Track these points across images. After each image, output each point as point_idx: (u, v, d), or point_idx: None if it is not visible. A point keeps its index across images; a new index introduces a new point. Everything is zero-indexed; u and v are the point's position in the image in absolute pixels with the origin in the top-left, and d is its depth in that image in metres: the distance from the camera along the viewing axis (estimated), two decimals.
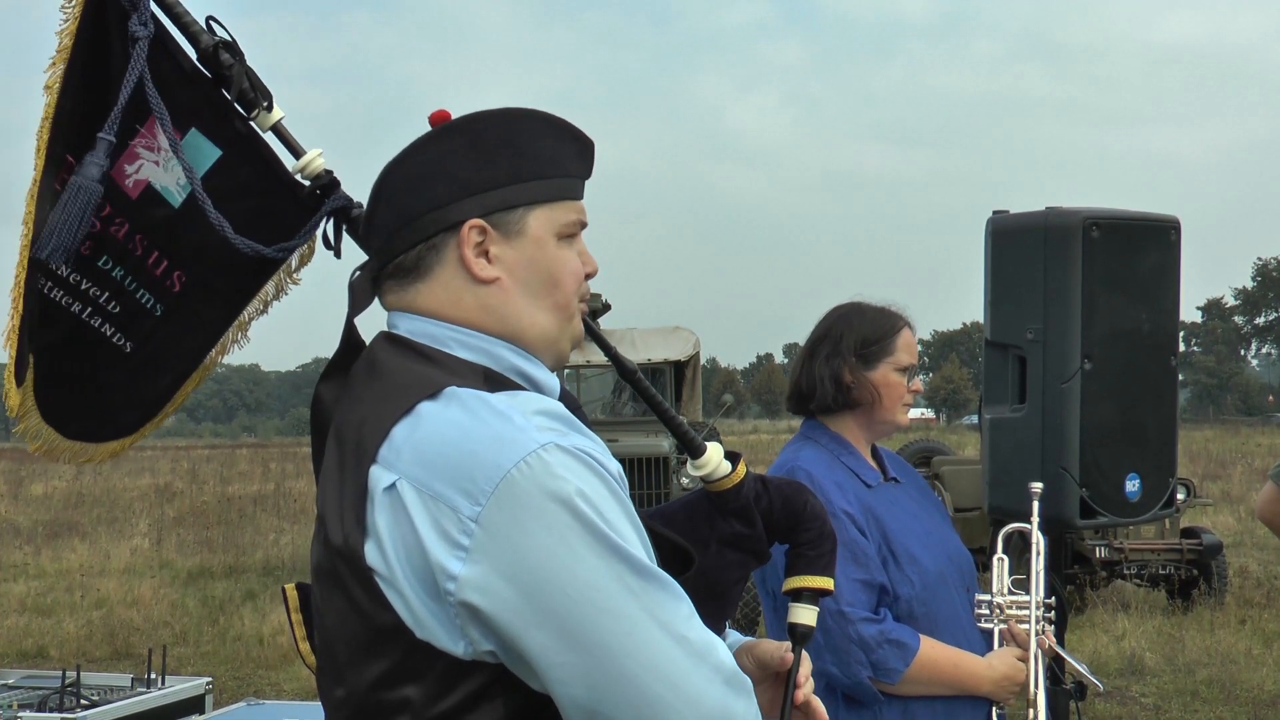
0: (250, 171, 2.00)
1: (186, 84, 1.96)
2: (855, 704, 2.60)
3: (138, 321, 2.09)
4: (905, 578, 2.63)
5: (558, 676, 1.32)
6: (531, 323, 1.52)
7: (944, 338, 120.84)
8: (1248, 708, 7.81)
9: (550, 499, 1.31)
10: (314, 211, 1.95)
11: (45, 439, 2.08)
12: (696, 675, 1.33)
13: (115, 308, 2.07)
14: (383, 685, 1.38)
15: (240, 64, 1.95)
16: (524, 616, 1.31)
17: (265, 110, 1.96)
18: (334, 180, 1.93)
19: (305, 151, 1.93)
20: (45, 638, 10.53)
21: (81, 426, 2.12)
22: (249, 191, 2.00)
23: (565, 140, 1.56)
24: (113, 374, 2.10)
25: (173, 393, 2.17)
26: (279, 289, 2.13)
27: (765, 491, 1.76)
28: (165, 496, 23.69)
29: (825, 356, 2.78)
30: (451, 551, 1.32)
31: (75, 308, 2.05)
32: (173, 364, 2.14)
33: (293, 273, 2.12)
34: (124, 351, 2.09)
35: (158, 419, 2.19)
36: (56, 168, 1.97)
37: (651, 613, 1.33)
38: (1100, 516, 3.21)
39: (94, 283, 2.05)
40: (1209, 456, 30.73)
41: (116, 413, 2.14)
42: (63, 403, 2.08)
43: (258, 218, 1.98)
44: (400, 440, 1.38)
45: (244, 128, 1.99)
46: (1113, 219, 3.20)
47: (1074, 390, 3.14)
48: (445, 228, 1.50)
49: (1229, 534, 15.70)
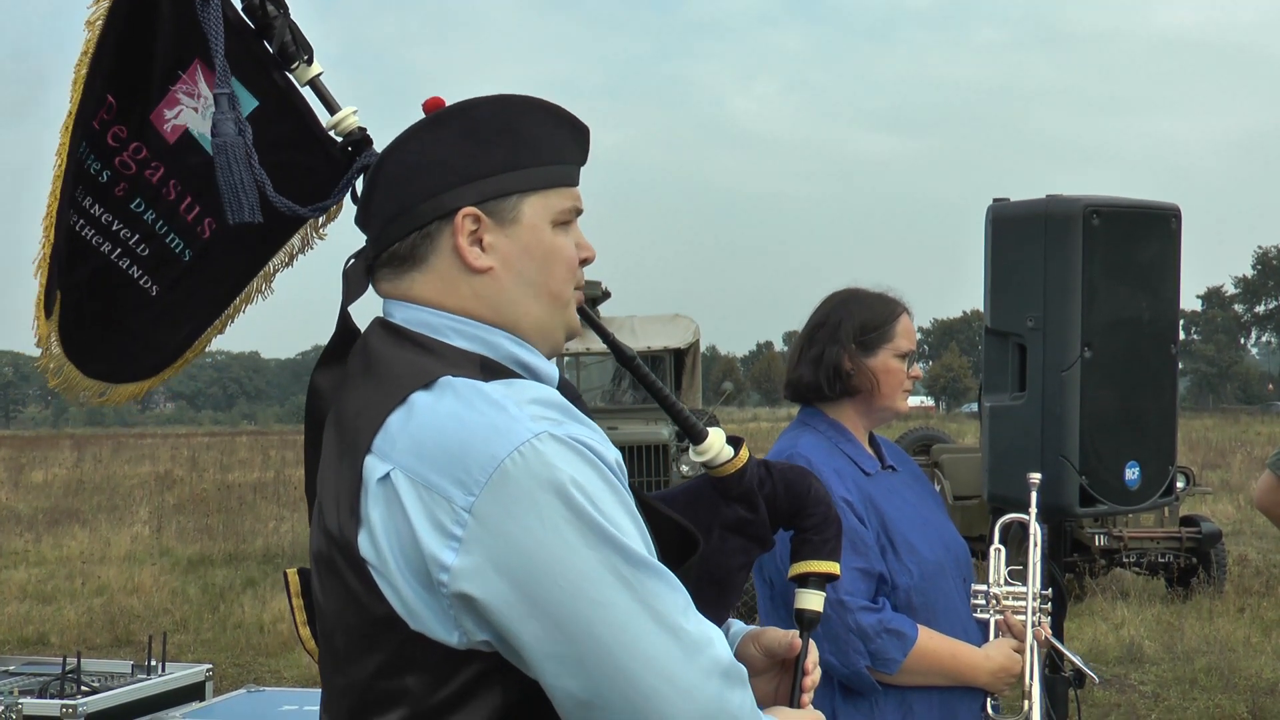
0: (285, 125, 2.00)
1: (231, 33, 1.95)
2: (853, 694, 2.60)
3: (166, 266, 2.09)
4: (904, 567, 2.63)
5: (551, 668, 1.32)
6: (525, 312, 1.51)
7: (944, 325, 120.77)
8: (1246, 696, 7.82)
9: (543, 489, 1.31)
10: (346, 168, 1.95)
11: (65, 375, 2.08)
12: (691, 667, 1.32)
13: (145, 250, 2.08)
14: (381, 675, 1.37)
15: (284, 16, 1.95)
16: (517, 608, 1.30)
17: (305, 64, 1.95)
18: (366, 138, 1.93)
19: (341, 108, 1.93)
20: (46, 625, 10.55)
21: (102, 366, 2.12)
22: (282, 145, 1.99)
23: (560, 126, 1.55)
24: (137, 317, 2.11)
25: (193, 339, 2.18)
26: (305, 242, 2.13)
27: (769, 476, 1.74)
28: (165, 484, 23.71)
29: (824, 344, 2.77)
30: (445, 542, 1.31)
31: (105, 247, 2.06)
32: (197, 311, 2.15)
33: (319, 228, 2.12)
34: (150, 295, 2.10)
35: (177, 364, 2.19)
36: (97, 105, 1.97)
37: (646, 604, 1.32)
38: (1100, 505, 3.21)
39: (126, 224, 2.06)
40: (1208, 445, 30.75)
41: (138, 355, 2.14)
42: (85, 341, 2.09)
43: (290, 171, 1.97)
44: (395, 430, 1.38)
45: (282, 80, 1.99)
46: (1113, 207, 3.19)
47: (1074, 378, 3.14)
48: (440, 216, 1.49)
49: (1228, 522, 15.71)
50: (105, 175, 2.03)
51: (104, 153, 2.02)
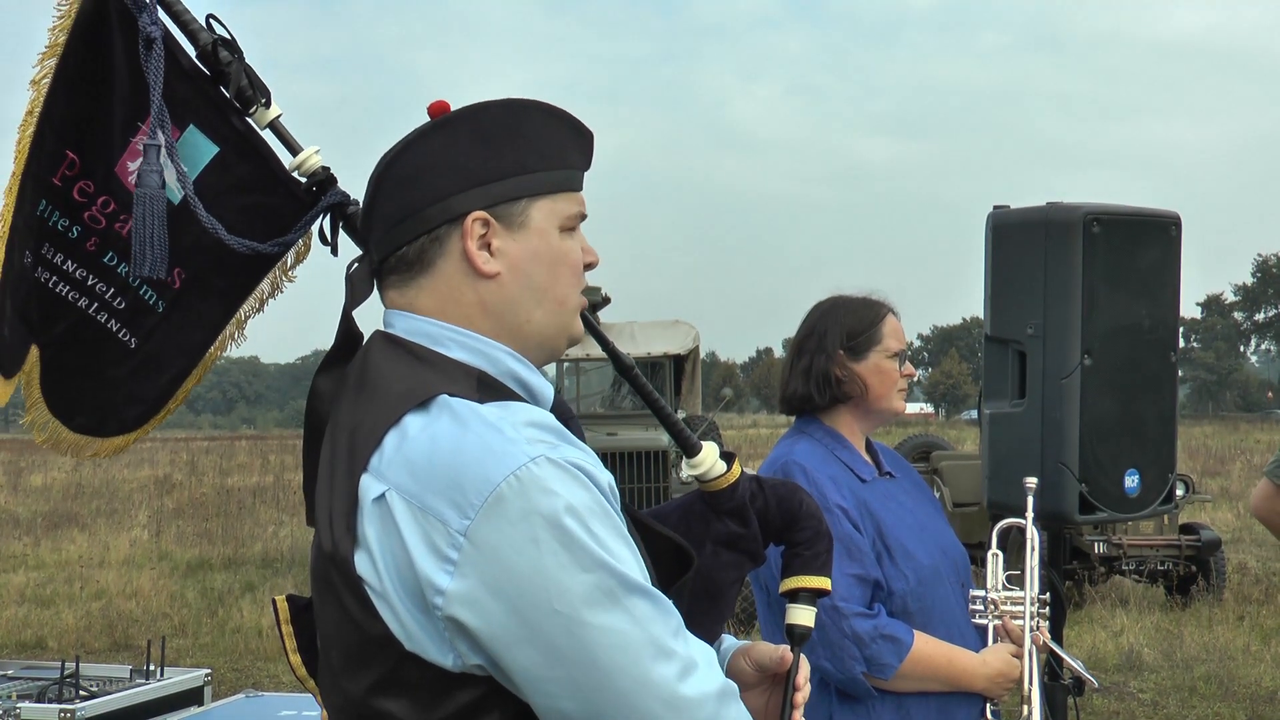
0: (247, 168, 2.00)
1: (185, 80, 1.96)
2: (849, 699, 2.60)
3: (141, 317, 2.09)
4: (900, 573, 2.63)
5: (546, 691, 1.31)
6: (529, 318, 1.51)
7: (944, 332, 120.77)
8: (1245, 704, 7.82)
9: (538, 514, 1.30)
10: (310, 207, 1.95)
11: (51, 431, 2.10)
12: (686, 689, 1.32)
13: (120, 303, 2.08)
14: (376, 694, 1.37)
15: (239, 61, 1.95)
16: (511, 632, 1.30)
17: (263, 107, 1.95)
18: (331, 177, 1.93)
19: (302, 148, 1.93)
20: (44, 629, 10.54)
21: (87, 420, 2.13)
22: (246, 188, 2.00)
23: (567, 131, 1.55)
24: (117, 369, 2.11)
25: (175, 389, 2.17)
26: (275, 286, 2.13)
27: (760, 491, 1.75)
28: (164, 488, 23.69)
29: (812, 354, 2.77)
30: (440, 565, 1.30)
31: (82, 302, 2.06)
32: (174, 360, 2.15)
33: (288, 270, 2.12)
34: (129, 347, 2.10)
35: (161, 415, 2.19)
36: (55, 162, 1.98)
37: (640, 627, 1.32)
38: (1099, 512, 3.21)
39: (100, 278, 2.06)
40: (1208, 452, 30.74)
41: (121, 408, 2.15)
42: (68, 396, 2.10)
43: (254, 214, 1.98)
44: (391, 450, 1.37)
45: (241, 125, 1.99)
46: (1113, 215, 3.20)
47: (1074, 385, 3.15)
48: (448, 219, 1.48)
49: (1228, 530, 15.71)
50: (75, 230, 2.04)
51: (70, 208, 2.03)
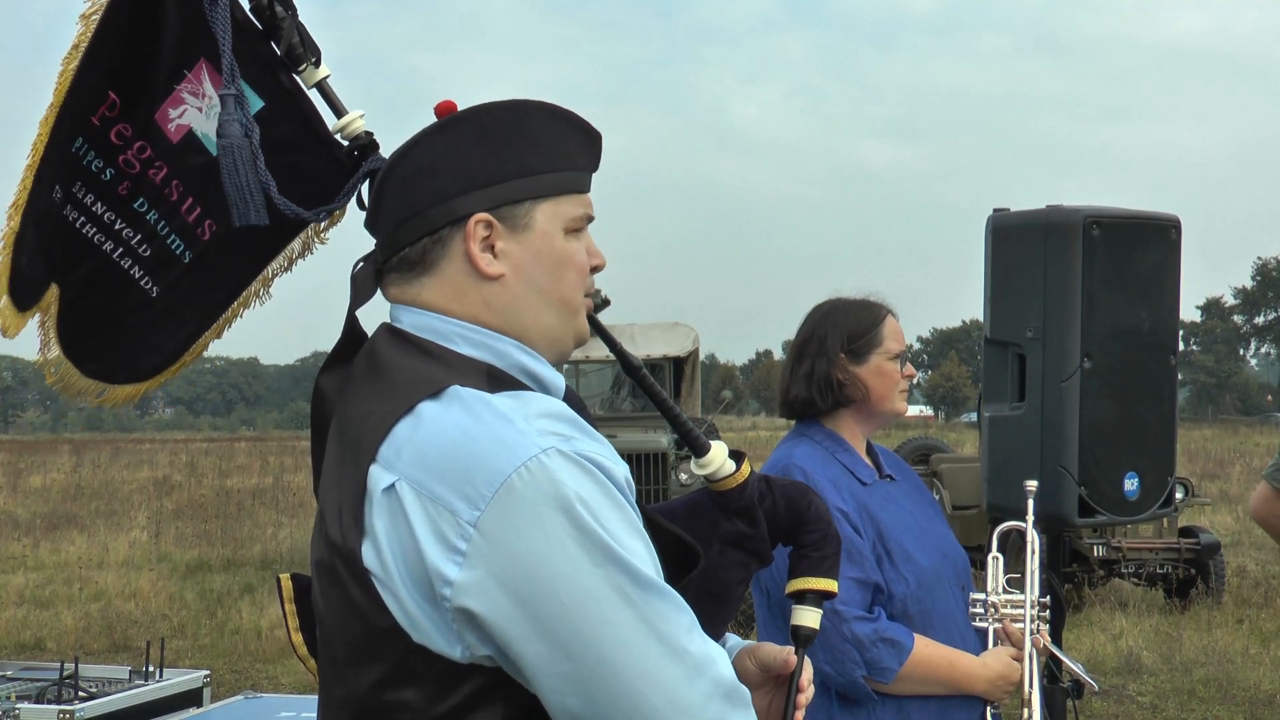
0: (290, 127, 1.98)
1: (238, 33, 1.94)
2: (849, 703, 2.59)
3: (166, 267, 2.08)
4: (900, 576, 2.63)
5: (552, 685, 1.31)
6: (535, 320, 1.50)
7: (943, 335, 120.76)
8: (1244, 707, 7.82)
9: (549, 505, 1.29)
10: (351, 172, 1.93)
11: (62, 374, 2.08)
12: (694, 689, 1.32)
13: (146, 250, 2.06)
14: (381, 686, 1.36)
15: (292, 18, 1.93)
16: (519, 624, 1.29)
17: (313, 66, 1.94)
18: (373, 142, 1.91)
19: (348, 111, 1.92)
20: (43, 630, 10.54)
21: (100, 366, 2.11)
22: (287, 146, 1.97)
23: (573, 133, 1.55)
24: (137, 317, 2.10)
25: (192, 342, 2.16)
26: (306, 246, 2.12)
27: (769, 492, 1.73)
28: (164, 489, 23.67)
29: (813, 358, 2.77)
30: (449, 556, 1.30)
31: (107, 246, 2.05)
32: (194, 313, 2.14)
33: (321, 232, 2.11)
34: (150, 295, 2.08)
35: (175, 367, 2.17)
36: (96, 101, 1.97)
37: (650, 624, 1.31)
38: (1099, 515, 3.21)
39: (128, 223, 2.05)
40: (1207, 456, 30.74)
41: (136, 356, 2.13)
42: (85, 340, 2.08)
43: (294, 173, 1.96)
44: (401, 440, 1.36)
45: (289, 82, 1.98)
46: (1113, 217, 3.20)
47: (1073, 388, 3.15)
48: (451, 221, 1.48)
49: (1227, 533, 15.71)
50: (109, 173, 2.02)
51: (107, 150, 2.01)
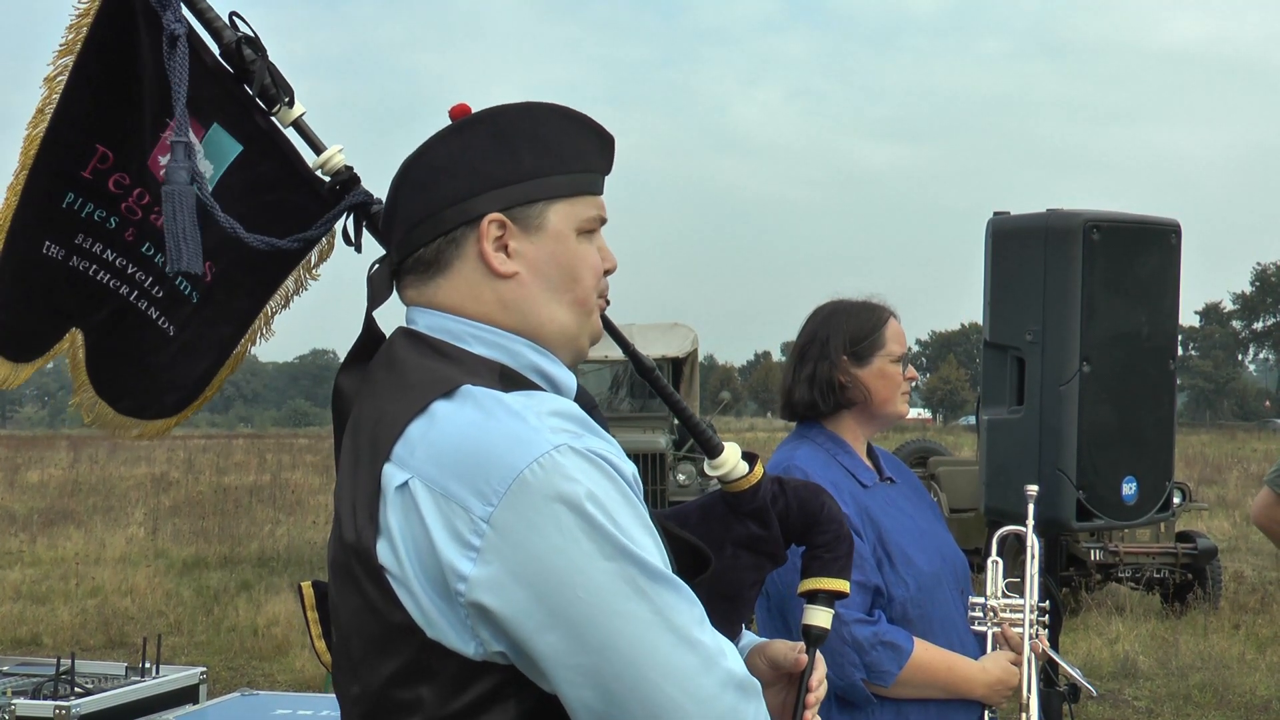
0: (271, 167, 2.02)
1: (209, 78, 1.97)
2: (848, 706, 2.59)
3: (177, 306, 2.14)
4: (900, 579, 2.63)
5: (568, 678, 1.31)
6: (550, 318, 1.52)
7: (942, 338, 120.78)
8: (1240, 712, 7.83)
9: (561, 500, 1.31)
10: (333, 207, 1.96)
11: (98, 413, 2.19)
12: (709, 679, 1.33)
13: (159, 291, 2.13)
14: (395, 683, 1.37)
15: (263, 60, 1.96)
16: (534, 618, 1.30)
17: (286, 106, 1.97)
18: (354, 176, 1.94)
19: (326, 147, 1.94)
20: (40, 626, 10.54)
21: (133, 402, 2.21)
22: (269, 186, 2.02)
23: (587, 135, 1.56)
24: (157, 355, 2.17)
25: (210, 378, 2.22)
26: (299, 284, 2.17)
27: (782, 493, 1.75)
28: (161, 486, 23.68)
29: (815, 360, 2.77)
30: (463, 552, 1.31)
31: (123, 290, 2.12)
32: (208, 350, 2.19)
33: (312, 269, 2.16)
34: (167, 335, 2.15)
35: (197, 403, 2.24)
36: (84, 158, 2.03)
37: (663, 616, 1.32)
38: (1096, 519, 3.21)
39: (139, 267, 2.12)
40: (1205, 461, 30.74)
41: (161, 393, 2.21)
42: (114, 379, 2.18)
43: (278, 212, 2.00)
44: (415, 438, 1.38)
45: (265, 123, 2.01)
46: (1113, 222, 3.20)
47: (1072, 392, 3.15)
48: (465, 221, 1.49)
49: (1224, 538, 15.72)
50: (113, 221, 2.08)
51: (107, 200, 2.07)
